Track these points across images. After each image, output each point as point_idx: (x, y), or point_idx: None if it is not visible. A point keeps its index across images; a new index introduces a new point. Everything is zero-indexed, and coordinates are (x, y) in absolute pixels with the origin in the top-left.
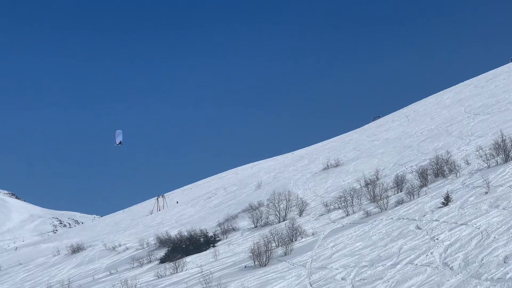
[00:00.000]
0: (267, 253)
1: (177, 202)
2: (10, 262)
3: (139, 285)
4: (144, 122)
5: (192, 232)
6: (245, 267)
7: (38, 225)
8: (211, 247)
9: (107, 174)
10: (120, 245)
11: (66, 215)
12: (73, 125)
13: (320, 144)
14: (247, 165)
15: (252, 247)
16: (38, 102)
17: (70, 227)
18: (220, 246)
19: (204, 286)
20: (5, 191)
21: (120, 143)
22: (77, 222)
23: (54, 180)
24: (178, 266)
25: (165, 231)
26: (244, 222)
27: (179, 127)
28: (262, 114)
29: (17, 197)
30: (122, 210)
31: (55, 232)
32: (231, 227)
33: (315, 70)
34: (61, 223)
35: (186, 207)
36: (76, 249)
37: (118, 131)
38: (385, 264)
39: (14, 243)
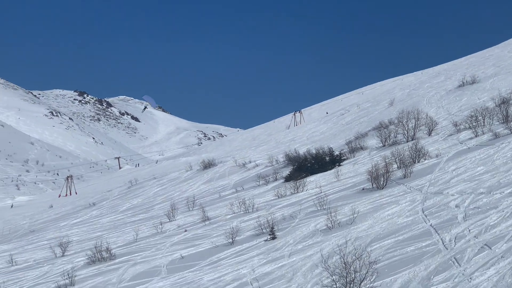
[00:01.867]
0: (385, 176)
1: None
2: (147, 176)
3: (257, 205)
4: (290, 38)
5: (320, 150)
6: (363, 189)
7: (184, 138)
8: (336, 166)
9: (252, 87)
10: (250, 162)
11: (210, 128)
12: (217, 44)
13: (459, 60)
14: (386, 80)
15: (370, 169)
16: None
17: (214, 140)
18: (345, 166)
19: (318, 208)
20: None
21: (145, 108)
22: (221, 135)
23: (200, 93)
24: (299, 186)
25: (294, 149)
26: (373, 141)
27: (323, 42)
28: (406, 28)
29: (164, 110)
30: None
31: (199, 145)
32: (359, 146)
33: None
34: (206, 136)
35: (319, 123)
36: (208, 165)
37: (147, 97)
38: (503, 192)
39: (162, 155)
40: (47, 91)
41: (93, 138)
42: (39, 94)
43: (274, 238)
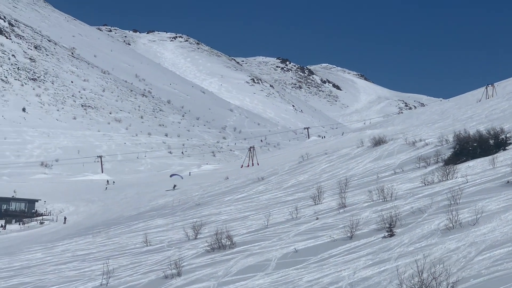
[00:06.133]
0: None
1: None
2: (320, 151)
3: (400, 192)
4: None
5: (491, 132)
6: (508, 182)
7: (384, 107)
8: (501, 151)
9: (456, 55)
10: (420, 140)
11: (412, 98)
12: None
13: None
14: None
15: None
16: None
17: (415, 109)
18: (511, 151)
19: (451, 202)
20: (355, 73)
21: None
22: (422, 105)
23: (403, 62)
24: (448, 173)
25: (464, 128)
26: None
27: None
28: None
29: (365, 79)
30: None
31: (399, 114)
32: None
33: None
34: (407, 106)
35: (502, 99)
36: (378, 142)
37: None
38: None
39: (364, 123)
40: (250, 58)
41: (293, 105)
42: (242, 61)
43: (392, 235)
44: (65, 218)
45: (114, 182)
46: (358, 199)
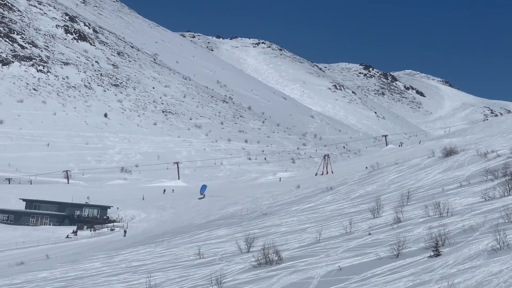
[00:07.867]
0: None
1: None
2: (391, 160)
3: (457, 208)
4: None
5: None
6: None
7: (469, 114)
8: None
9: None
10: (492, 151)
11: (498, 105)
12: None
13: None
14: None
15: None
16: None
17: (501, 116)
18: None
19: (505, 221)
20: (439, 79)
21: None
22: (508, 112)
23: (489, 68)
24: (511, 188)
25: None
26: None
27: None
28: None
29: (450, 85)
30: None
31: (484, 121)
32: None
33: None
34: (492, 113)
35: None
36: (449, 153)
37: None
38: None
39: (445, 131)
40: (333, 64)
41: (375, 112)
42: (325, 67)
43: (438, 255)
44: (125, 232)
45: (173, 190)
46: (416, 214)
